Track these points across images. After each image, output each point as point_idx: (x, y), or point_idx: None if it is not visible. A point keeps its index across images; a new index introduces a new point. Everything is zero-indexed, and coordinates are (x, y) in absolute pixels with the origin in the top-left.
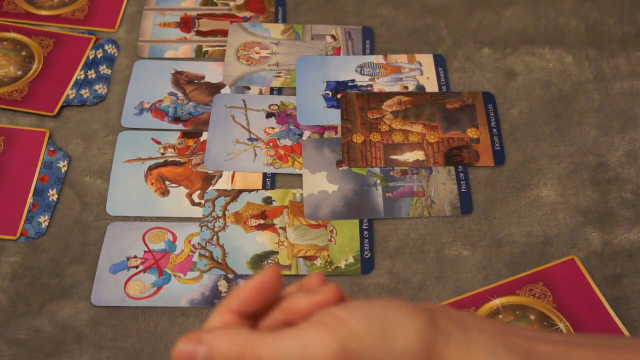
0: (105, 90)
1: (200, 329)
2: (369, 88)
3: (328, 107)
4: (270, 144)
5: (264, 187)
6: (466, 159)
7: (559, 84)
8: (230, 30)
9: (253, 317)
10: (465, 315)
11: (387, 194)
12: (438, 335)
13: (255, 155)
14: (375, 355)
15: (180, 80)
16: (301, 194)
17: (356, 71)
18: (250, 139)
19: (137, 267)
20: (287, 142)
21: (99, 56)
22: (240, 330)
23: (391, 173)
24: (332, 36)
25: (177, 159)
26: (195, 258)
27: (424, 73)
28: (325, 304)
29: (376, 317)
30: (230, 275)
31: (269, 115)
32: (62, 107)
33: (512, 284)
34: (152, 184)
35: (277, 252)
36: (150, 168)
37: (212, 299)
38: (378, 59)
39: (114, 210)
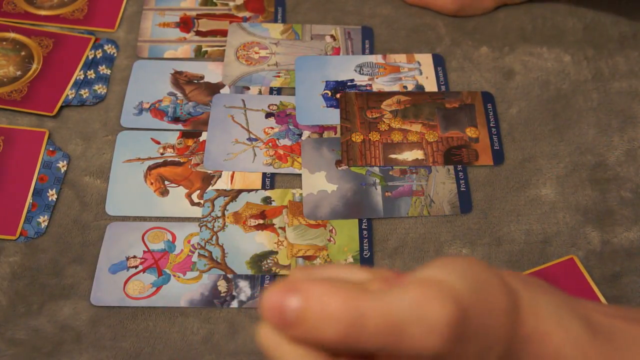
0: (105, 91)
1: (294, 281)
2: (368, 88)
3: (327, 106)
4: (270, 144)
5: (264, 187)
6: (465, 158)
7: (557, 83)
8: (229, 30)
9: None
10: (524, 276)
11: (386, 194)
12: (516, 296)
13: (255, 155)
14: (480, 317)
15: (180, 80)
16: (300, 194)
17: (355, 71)
18: (249, 139)
19: (136, 267)
20: (286, 142)
21: (98, 56)
22: (342, 286)
23: (390, 172)
24: (332, 36)
25: (176, 159)
26: (195, 258)
27: (423, 73)
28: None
29: (470, 277)
30: (230, 275)
31: (268, 115)
32: (61, 107)
33: None
34: (152, 184)
35: (276, 252)
36: (150, 168)
37: (212, 299)
38: (377, 58)
39: (113, 210)
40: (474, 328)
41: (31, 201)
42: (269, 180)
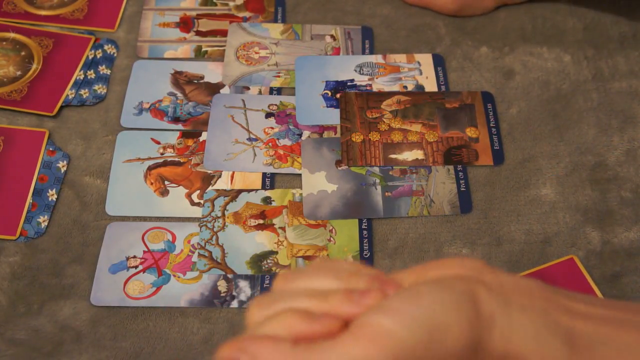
0: (105, 91)
1: (248, 335)
2: (368, 88)
3: (327, 106)
4: (270, 144)
5: (264, 187)
6: (465, 158)
7: (557, 83)
8: (229, 30)
9: None
10: (504, 280)
11: (386, 194)
12: (482, 323)
13: (255, 155)
14: (430, 356)
15: (180, 80)
16: (300, 194)
17: (355, 71)
18: (249, 139)
19: (136, 267)
20: (286, 142)
21: (98, 56)
22: (286, 345)
23: (390, 172)
24: (332, 36)
25: (176, 159)
26: (195, 258)
27: (423, 72)
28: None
29: (422, 321)
30: (230, 275)
31: (268, 115)
32: (61, 107)
33: None
34: (152, 184)
35: (276, 252)
36: (150, 168)
37: (212, 299)
38: (377, 58)
39: (113, 210)
40: None
41: (31, 201)
42: (269, 180)
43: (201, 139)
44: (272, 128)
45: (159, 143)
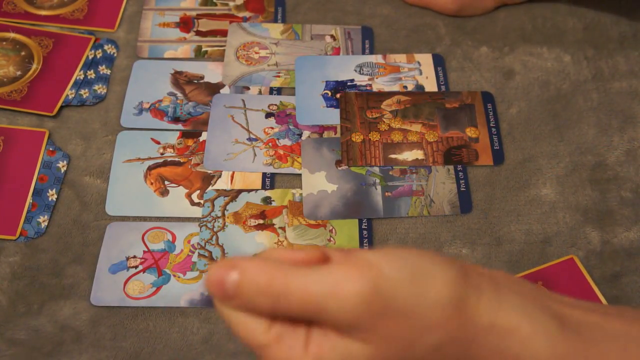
0: (105, 91)
1: (232, 260)
2: (368, 88)
3: (327, 106)
4: (270, 144)
5: (264, 187)
6: (465, 158)
7: (557, 83)
8: (229, 30)
9: None
10: (497, 273)
11: (386, 194)
12: (469, 288)
13: (255, 155)
14: (406, 300)
15: (180, 80)
16: (300, 194)
17: (355, 71)
18: (249, 139)
19: (136, 267)
20: (286, 142)
21: (98, 56)
22: (274, 262)
23: (390, 172)
24: (332, 36)
25: (176, 159)
26: (195, 258)
27: (423, 72)
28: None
29: (408, 264)
30: None
31: (268, 115)
32: (61, 107)
33: None
34: (152, 184)
35: None
36: (150, 168)
37: (212, 298)
38: (377, 58)
39: (113, 210)
40: (398, 309)
41: (31, 201)
42: (269, 180)
43: (201, 139)
44: (272, 128)
45: (159, 143)
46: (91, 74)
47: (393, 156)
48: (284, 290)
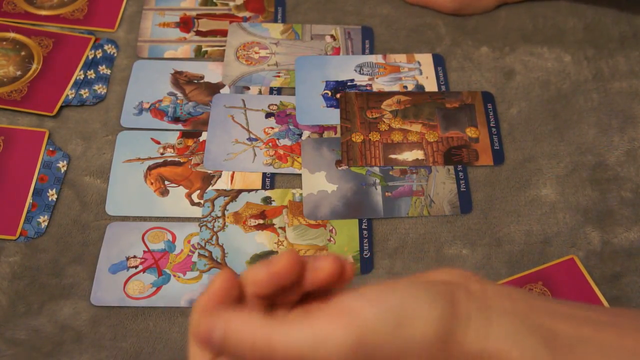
0: (105, 91)
1: (218, 312)
2: (368, 88)
3: (327, 106)
4: (270, 143)
5: (264, 187)
6: (465, 159)
7: (557, 83)
8: (229, 30)
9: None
10: (488, 288)
11: (386, 194)
12: (457, 320)
13: (255, 155)
14: (391, 346)
15: (180, 80)
16: (300, 194)
17: (355, 71)
18: (249, 139)
19: (136, 267)
20: (286, 142)
21: (98, 56)
22: (256, 318)
23: (390, 172)
24: (332, 36)
25: (176, 159)
26: (195, 258)
27: (423, 72)
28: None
29: (392, 307)
30: None
31: (268, 115)
32: (61, 107)
33: (511, 283)
34: (152, 184)
35: (276, 252)
36: (150, 168)
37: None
38: (377, 58)
39: (113, 210)
40: (385, 355)
41: (31, 201)
42: (269, 180)
43: (201, 139)
44: (272, 128)
45: (159, 143)
46: (91, 74)
47: (393, 156)
48: (267, 345)
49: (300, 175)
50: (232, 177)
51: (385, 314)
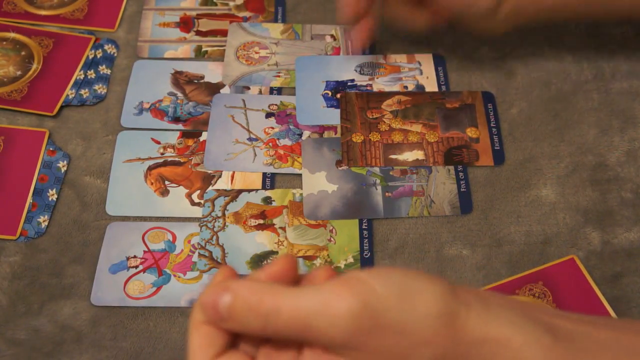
0: (105, 90)
1: (224, 281)
2: (368, 88)
3: (327, 106)
4: (270, 143)
5: (264, 187)
6: (466, 159)
7: (558, 83)
8: (229, 30)
9: None
10: (484, 292)
11: (386, 194)
12: (458, 304)
13: (255, 155)
14: (396, 316)
15: (180, 80)
16: (301, 194)
17: (356, 71)
18: (249, 139)
19: (136, 267)
20: (286, 142)
21: (98, 56)
22: (264, 283)
23: (391, 173)
24: (332, 36)
25: (176, 159)
26: (195, 258)
27: (423, 72)
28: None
29: (397, 281)
30: None
31: (268, 115)
32: (61, 107)
33: (511, 283)
34: (152, 184)
35: (276, 252)
36: (150, 168)
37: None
38: (378, 58)
39: (113, 210)
40: (389, 325)
41: (31, 201)
42: (269, 180)
43: (201, 139)
44: (273, 128)
45: (159, 143)
46: (91, 74)
47: (393, 156)
48: (274, 309)
49: (300, 175)
50: (232, 177)
51: (390, 285)
